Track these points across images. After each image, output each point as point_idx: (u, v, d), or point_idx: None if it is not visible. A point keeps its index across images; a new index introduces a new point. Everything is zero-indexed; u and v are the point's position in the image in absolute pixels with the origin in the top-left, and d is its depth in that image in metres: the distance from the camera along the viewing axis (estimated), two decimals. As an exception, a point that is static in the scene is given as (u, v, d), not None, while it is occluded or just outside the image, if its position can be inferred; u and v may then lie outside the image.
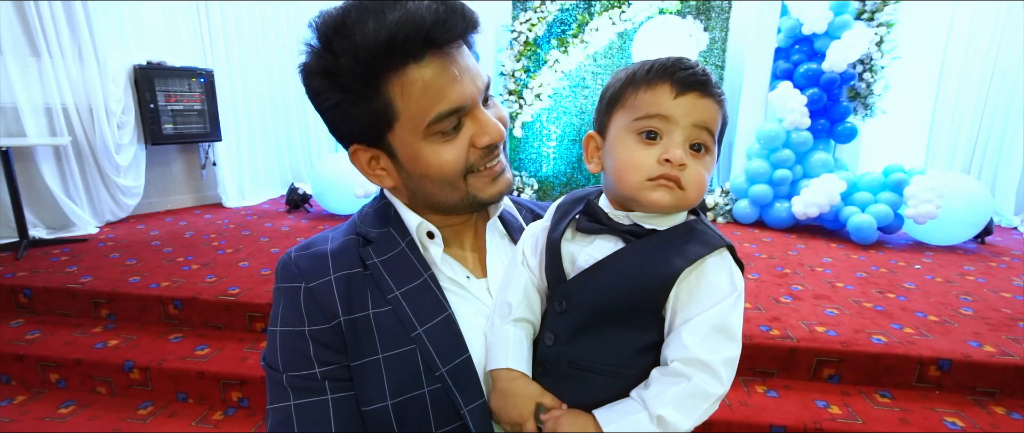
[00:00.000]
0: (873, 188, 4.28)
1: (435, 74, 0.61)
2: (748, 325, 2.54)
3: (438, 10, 0.59)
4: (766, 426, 2.09)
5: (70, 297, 2.89)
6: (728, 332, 0.57)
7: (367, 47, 0.58)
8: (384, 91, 0.61)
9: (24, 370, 2.54)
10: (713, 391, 0.55)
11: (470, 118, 0.65)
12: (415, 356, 0.63)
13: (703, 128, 0.60)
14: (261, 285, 2.95)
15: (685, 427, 0.55)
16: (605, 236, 0.63)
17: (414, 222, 0.70)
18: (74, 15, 3.84)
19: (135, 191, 4.40)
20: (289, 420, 0.62)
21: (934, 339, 2.45)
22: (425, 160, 0.65)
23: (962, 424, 2.08)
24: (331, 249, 0.68)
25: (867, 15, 4.43)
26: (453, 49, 0.62)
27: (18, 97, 3.64)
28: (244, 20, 5.11)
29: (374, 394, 0.63)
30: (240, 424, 2.30)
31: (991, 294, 3.11)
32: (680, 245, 0.59)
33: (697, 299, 0.58)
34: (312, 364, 0.63)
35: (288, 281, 0.67)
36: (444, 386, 0.62)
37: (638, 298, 0.59)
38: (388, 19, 0.57)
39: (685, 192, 0.59)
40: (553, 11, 4.93)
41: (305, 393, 0.63)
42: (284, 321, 0.65)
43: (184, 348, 2.58)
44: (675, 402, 0.55)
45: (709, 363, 0.55)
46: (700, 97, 0.59)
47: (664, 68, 0.60)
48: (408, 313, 0.64)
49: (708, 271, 0.58)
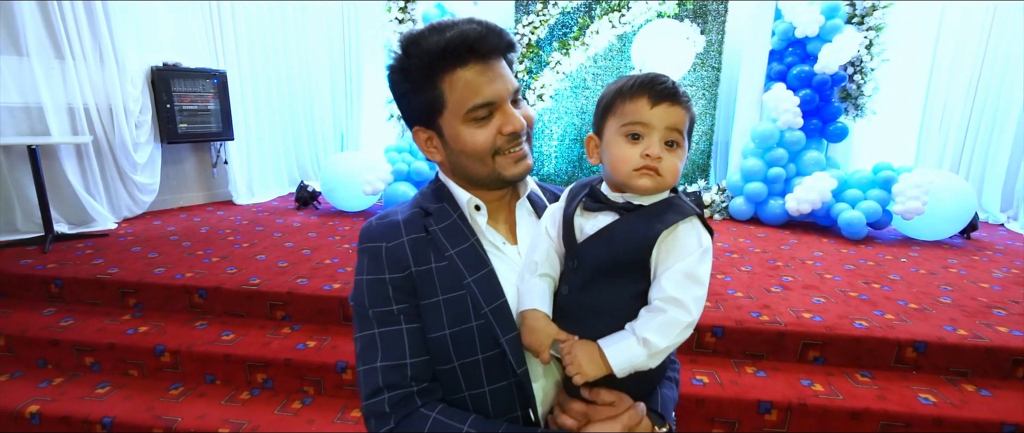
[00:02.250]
0: (863, 185, 4.45)
1: (474, 75, 0.80)
2: (740, 312, 2.71)
3: (479, 30, 0.79)
4: (754, 402, 2.26)
5: (99, 287, 3.05)
6: (696, 278, 0.73)
7: (429, 53, 0.79)
8: (438, 85, 0.81)
9: (60, 354, 2.70)
10: (683, 320, 0.72)
11: (499, 111, 0.83)
12: (466, 299, 0.81)
13: (674, 129, 0.77)
14: (278, 276, 3.11)
15: (662, 345, 0.72)
16: (605, 212, 0.81)
17: (464, 197, 0.88)
18: (95, 19, 4.00)
19: (151, 188, 4.56)
20: (374, 344, 0.80)
21: (912, 324, 2.63)
22: (463, 139, 0.83)
23: (934, 400, 2.25)
24: (402, 219, 0.85)
25: (857, 19, 4.61)
26: (492, 60, 0.81)
27: (43, 98, 3.80)
28: (255, 23, 5.28)
29: (436, 326, 0.81)
30: (265, 404, 2.46)
31: (970, 284, 3.28)
32: (660, 215, 0.76)
33: (673, 254, 0.75)
34: (391, 303, 0.80)
35: (370, 242, 0.84)
36: (487, 322, 0.80)
37: (630, 256, 0.76)
38: (445, 35, 0.78)
39: (663, 178, 0.77)
40: (555, 14, 5.10)
41: (385, 324, 0.80)
42: (369, 271, 0.82)
43: (210, 334, 2.74)
44: (655, 328, 0.72)
45: (681, 300, 0.72)
46: (671, 106, 0.76)
47: (643, 84, 0.77)
48: (460, 267, 0.82)
49: (681, 233, 0.76)
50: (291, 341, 2.68)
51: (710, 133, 5.41)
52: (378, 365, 0.79)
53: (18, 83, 3.71)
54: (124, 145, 4.25)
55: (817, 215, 4.61)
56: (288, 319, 2.90)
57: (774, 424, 2.26)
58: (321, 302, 2.86)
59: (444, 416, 0.77)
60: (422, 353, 0.81)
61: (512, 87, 0.83)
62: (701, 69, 5.25)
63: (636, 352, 0.72)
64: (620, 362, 0.73)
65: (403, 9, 5.00)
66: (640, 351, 0.72)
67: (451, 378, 0.81)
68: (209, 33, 4.88)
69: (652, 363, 0.74)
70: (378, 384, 0.78)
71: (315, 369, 2.53)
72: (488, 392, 0.80)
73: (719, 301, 2.88)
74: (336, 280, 3.06)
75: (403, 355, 0.79)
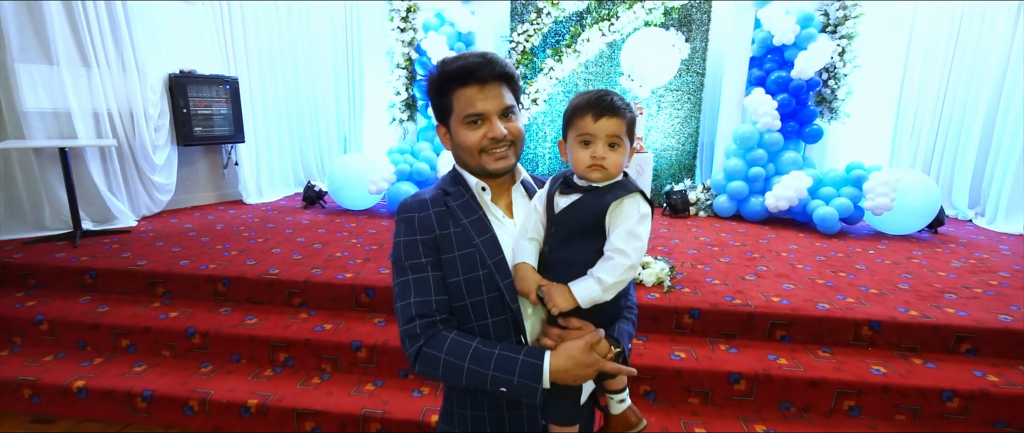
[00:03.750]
0: (836, 183, 4.76)
1: (472, 93, 1.08)
2: (715, 297, 3.00)
3: (479, 62, 1.07)
4: (726, 373, 2.55)
5: (130, 277, 3.32)
6: (635, 235, 1.02)
7: (446, 73, 1.08)
8: (450, 96, 1.10)
9: (98, 337, 2.97)
10: (626, 263, 1.00)
11: (487, 121, 1.10)
12: (475, 255, 1.09)
13: (614, 135, 1.05)
14: (294, 267, 3.38)
15: (611, 281, 1.00)
16: (574, 192, 1.10)
17: (474, 182, 1.15)
18: (118, 29, 4.27)
19: (168, 188, 4.83)
20: (408, 287, 1.07)
21: (870, 306, 2.92)
22: (460, 137, 1.11)
23: (885, 371, 2.55)
24: (429, 197, 1.13)
25: (831, 28, 4.92)
26: (489, 84, 1.08)
27: (71, 103, 4.07)
28: (264, 32, 5.56)
29: (452, 274, 1.08)
30: (288, 379, 2.73)
31: (929, 273, 3.59)
32: (612, 192, 1.05)
33: (619, 219, 1.03)
34: (420, 257, 1.08)
35: (406, 213, 1.12)
36: (490, 271, 1.08)
37: (591, 221, 1.05)
38: (458, 63, 1.07)
39: (607, 170, 1.06)
40: (548, 23, 5.39)
41: (417, 272, 1.08)
42: (404, 234, 1.10)
43: (234, 318, 3.01)
44: (606, 270, 1.01)
45: (624, 249, 1.00)
46: (610, 118, 1.04)
47: (589, 103, 1.06)
48: (471, 232, 1.10)
49: (626, 204, 1.04)
50: (309, 324, 2.96)
51: (695, 135, 5.71)
52: (411, 300, 1.07)
53: (49, 90, 3.98)
54: (144, 147, 4.51)
55: (794, 211, 4.91)
56: (305, 305, 3.17)
57: (742, 392, 2.55)
58: (335, 290, 3.14)
59: (459, 337, 1.05)
60: (443, 293, 1.08)
61: (502, 105, 1.10)
62: (686, 74, 5.55)
63: (593, 288, 1.01)
64: (583, 296, 1.02)
65: (405, 19, 5.28)
66: (596, 287, 1.01)
67: (463, 312, 1.09)
68: (222, 42, 5.16)
69: (606, 296, 1.02)
70: (412, 314, 1.06)
71: (332, 348, 2.81)
72: (491, 323, 1.09)
73: (697, 287, 3.17)
74: (348, 270, 3.33)
75: (429, 294, 1.07)
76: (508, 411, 1.11)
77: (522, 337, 1.09)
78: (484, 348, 1.03)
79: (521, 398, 1.03)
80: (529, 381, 0.99)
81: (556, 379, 1.01)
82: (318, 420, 2.50)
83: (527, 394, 1.00)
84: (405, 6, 5.24)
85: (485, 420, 1.13)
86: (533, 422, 1.12)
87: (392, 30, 5.30)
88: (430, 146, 5.35)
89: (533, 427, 1.12)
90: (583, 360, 1.00)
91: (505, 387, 1.01)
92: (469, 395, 1.14)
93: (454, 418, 1.17)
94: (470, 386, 1.04)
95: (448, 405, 1.19)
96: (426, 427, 2.42)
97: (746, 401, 2.55)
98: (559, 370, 1.00)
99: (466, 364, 1.02)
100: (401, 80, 5.42)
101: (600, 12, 5.26)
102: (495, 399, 1.11)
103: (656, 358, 2.65)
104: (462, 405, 1.15)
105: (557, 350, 1.02)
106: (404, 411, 2.48)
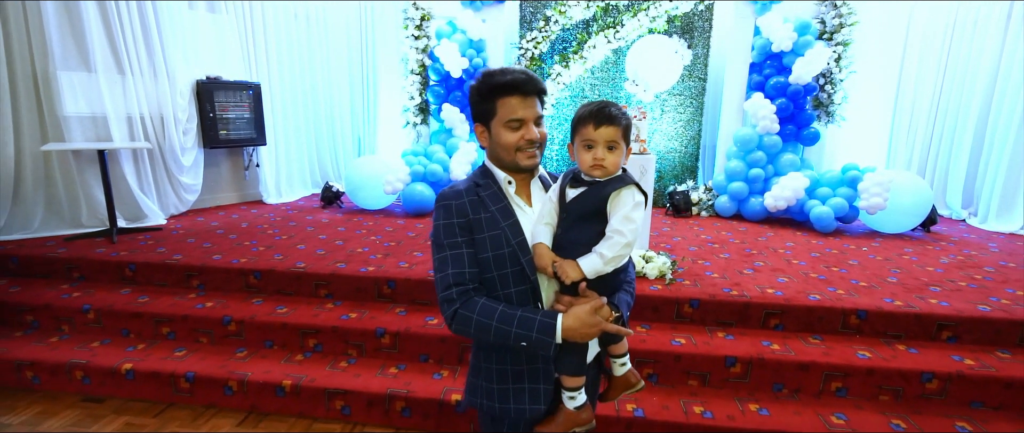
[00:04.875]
0: (832, 184, 4.96)
1: (514, 102, 1.30)
2: (714, 289, 3.21)
3: (523, 78, 1.30)
4: (722, 357, 2.76)
5: (167, 270, 3.56)
6: (630, 219, 1.24)
7: (496, 84, 1.30)
8: (494, 102, 1.32)
9: (140, 325, 3.21)
10: (622, 241, 1.22)
11: (524, 126, 1.33)
12: (501, 236, 1.31)
13: (611, 140, 1.28)
14: (319, 261, 3.62)
15: (610, 255, 1.22)
16: (581, 186, 1.32)
17: (501, 176, 1.37)
18: (151, 38, 4.54)
19: (194, 188, 5.09)
20: (446, 261, 1.30)
21: (858, 297, 3.13)
22: (501, 136, 1.33)
23: (870, 355, 2.75)
24: (463, 188, 1.36)
25: (827, 35, 5.13)
26: (529, 96, 1.31)
27: (107, 108, 4.33)
28: (284, 40, 5.82)
29: (483, 250, 1.31)
30: (318, 363, 2.96)
31: (917, 268, 3.79)
32: (612, 185, 1.28)
33: (617, 205, 1.26)
34: (457, 236, 1.30)
35: (445, 200, 1.34)
36: (513, 250, 1.30)
37: (595, 207, 1.28)
38: (507, 77, 1.29)
39: (606, 169, 1.28)
40: (556, 31, 5.63)
41: (454, 248, 1.30)
42: (443, 218, 1.32)
43: (266, 308, 3.25)
44: (606, 247, 1.23)
45: (621, 230, 1.23)
46: (608, 127, 1.27)
47: (591, 114, 1.28)
48: (498, 217, 1.32)
49: (623, 194, 1.27)
50: (335, 313, 3.19)
51: (697, 138, 5.93)
52: (449, 272, 1.29)
53: (87, 95, 4.24)
54: (173, 150, 4.77)
55: (792, 211, 5.12)
56: (331, 296, 3.41)
57: (738, 375, 2.76)
58: (359, 282, 3.37)
59: (487, 302, 1.28)
60: (475, 267, 1.31)
61: (536, 114, 1.34)
62: (689, 80, 5.77)
63: (596, 261, 1.24)
64: (589, 268, 1.24)
65: (419, 27, 5.53)
66: (599, 261, 1.23)
67: (491, 283, 1.32)
68: (245, 49, 5.42)
69: (607, 268, 1.24)
70: (449, 282, 1.29)
71: (358, 335, 3.04)
72: (513, 292, 1.31)
73: (697, 280, 3.38)
74: (369, 264, 3.56)
75: (464, 266, 1.30)
76: (527, 364, 1.34)
77: (539, 303, 1.32)
78: (508, 311, 1.26)
79: (537, 352, 1.26)
80: (545, 337, 1.22)
81: (566, 336, 1.23)
82: (347, 399, 2.73)
83: (543, 348, 1.23)
84: (420, 15, 5.49)
85: (508, 372, 1.35)
86: (547, 375, 1.34)
87: (407, 38, 5.55)
88: (443, 149, 5.58)
89: (547, 379, 1.34)
90: (589, 321, 1.22)
91: (525, 342, 1.23)
92: (494, 351, 1.36)
93: (481, 371, 1.40)
94: (496, 342, 1.27)
95: (476, 361, 1.43)
96: (447, 405, 2.64)
97: (741, 383, 2.76)
98: (569, 328, 1.22)
99: (494, 323, 1.24)
100: (415, 85, 5.67)
101: (606, 20, 5.49)
102: (516, 354, 1.34)
103: (658, 344, 2.86)
104: (488, 360, 1.38)
105: (568, 313, 1.24)
106: (426, 391, 2.70)
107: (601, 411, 2.51)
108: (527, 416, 1.35)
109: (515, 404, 1.35)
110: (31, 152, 4.08)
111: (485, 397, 1.38)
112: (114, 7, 4.27)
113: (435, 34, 5.63)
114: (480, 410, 1.42)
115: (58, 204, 4.27)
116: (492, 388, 1.37)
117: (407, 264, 3.58)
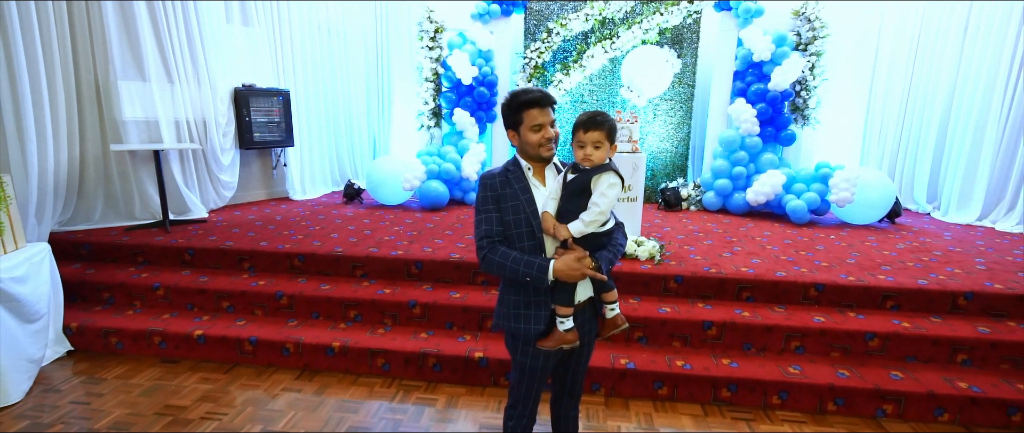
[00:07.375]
0: (807, 180, 5.51)
1: (535, 112, 1.83)
2: (695, 267, 3.75)
3: (539, 95, 1.83)
4: (701, 322, 3.29)
5: (221, 254, 4.08)
6: (605, 195, 1.75)
7: (518, 101, 1.83)
8: (521, 114, 1.84)
9: (204, 300, 3.74)
10: (596, 210, 1.73)
11: (544, 128, 1.86)
12: (520, 207, 1.83)
13: (597, 141, 1.79)
14: (354, 247, 4.14)
15: (589, 219, 1.73)
16: (578, 172, 1.84)
17: (524, 164, 1.90)
18: (195, 50, 5.07)
19: (231, 185, 5.62)
20: (481, 221, 1.83)
21: (818, 274, 3.67)
22: (527, 137, 1.85)
23: (824, 320, 3.29)
24: (497, 172, 1.89)
25: (802, 46, 5.69)
26: (545, 106, 1.84)
27: (158, 113, 4.86)
28: (309, 51, 6.36)
29: (507, 215, 1.82)
30: (359, 330, 3.48)
31: (875, 252, 4.33)
32: (596, 170, 1.79)
33: (598, 184, 1.78)
34: (490, 205, 1.83)
35: (484, 180, 1.87)
36: (527, 216, 1.82)
37: (582, 187, 1.79)
38: (531, 95, 1.82)
39: (594, 161, 1.79)
40: (557, 42, 6.17)
41: (486, 212, 1.83)
42: (481, 191, 1.85)
43: (311, 286, 3.77)
44: (586, 214, 1.75)
45: (597, 203, 1.74)
46: (594, 131, 1.78)
47: (582, 122, 1.81)
48: (519, 194, 1.84)
49: (602, 177, 1.78)
50: (372, 289, 3.72)
51: (687, 139, 6.48)
52: (483, 229, 1.83)
53: (142, 102, 4.77)
54: (214, 150, 5.30)
55: (772, 205, 5.66)
56: (366, 276, 3.93)
57: (714, 337, 3.30)
58: (391, 263, 3.90)
59: (507, 250, 1.81)
60: (499, 226, 1.84)
61: (551, 119, 1.86)
62: (679, 86, 6.32)
63: (578, 224, 1.75)
64: (574, 229, 1.75)
65: (433, 38, 6.08)
66: (580, 224, 1.75)
67: (511, 239, 1.84)
68: (275, 60, 5.95)
69: (587, 229, 1.75)
70: (482, 235, 1.83)
71: (392, 307, 3.57)
72: (526, 246, 1.83)
73: (682, 261, 3.92)
74: (397, 249, 4.09)
75: (493, 225, 1.83)
76: (532, 296, 1.86)
77: (543, 253, 1.85)
78: (519, 256, 1.79)
79: (538, 287, 1.80)
80: (541, 275, 1.76)
81: (557, 276, 1.75)
82: (387, 357, 3.26)
83: (540, 283, 1.76)
84: (434, 27, 6.04)
85: (520, 302, 1.88)
86: (546, 304, 1.86)
87: (422, 48, 6.10)
88: (454, 149, 6.12)
89: (546, 307, 1.86)
90: (573, 265, 1.75)
91: (528, 278, 1.77)
92: (511, 286, 1.89)
93: (504, 301, 1.93)
94: (510, 277, 1.81)
95: (501, 294, 1.95)
96: (471, 361, 3.17)
97: (717, 343, 3.30)
98: (558, 270, 1.75)
99: (508, 263, 1.79)
100: (429, 91, 6.21)
101: (603, 32, 6.04)
102: (525, 289, 1.86)
103: (648, 312, 3.39)
104: (507, 292, 1.91)
105: (559, 259, 1.77)
106: (453, 350, 3.23)
107: (601, 364, 3.05)
108: (532, 333, 1.87)
109: (524, 324, 1.87)
110: (93, 153, 4.60)
111: (505, 319, 1.91)
112: (164, 22, 4.80)
113: (447, 45, 6.18)
114: (505, 329, 1.96)
115: (115, 199, 4.79)
116: (510, 313, 1.90)
117: (430, 249, 4.11)
